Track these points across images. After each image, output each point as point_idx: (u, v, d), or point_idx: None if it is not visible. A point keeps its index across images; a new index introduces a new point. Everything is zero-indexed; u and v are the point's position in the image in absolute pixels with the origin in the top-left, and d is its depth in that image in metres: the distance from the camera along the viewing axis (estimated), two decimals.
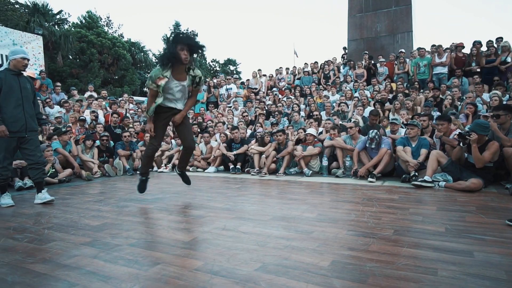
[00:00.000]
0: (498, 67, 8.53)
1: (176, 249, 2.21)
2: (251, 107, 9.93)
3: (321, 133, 6.85)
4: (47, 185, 5.01)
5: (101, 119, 8.57)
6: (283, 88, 11.83)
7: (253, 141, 6.75)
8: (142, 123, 8.63)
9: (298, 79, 12.11)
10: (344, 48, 13.40)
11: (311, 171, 5.86)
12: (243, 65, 52.76)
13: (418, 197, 3.82)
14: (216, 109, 10.50)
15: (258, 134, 6.83)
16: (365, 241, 2.28)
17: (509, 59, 8.44)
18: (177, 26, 36.55)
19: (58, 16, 25.35)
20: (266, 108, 9.58)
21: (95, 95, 10.93)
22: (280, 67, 12.67)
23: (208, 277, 1.77)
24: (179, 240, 2.42)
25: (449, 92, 7.84)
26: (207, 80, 13.43)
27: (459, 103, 7.37)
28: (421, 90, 8.59)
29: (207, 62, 39.94)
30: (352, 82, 10.37)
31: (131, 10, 75.50)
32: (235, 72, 39.00)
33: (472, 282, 1.65)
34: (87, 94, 10.94)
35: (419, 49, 9.75)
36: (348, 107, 8.24)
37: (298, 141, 6.39)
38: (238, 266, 1.90)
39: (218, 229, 2.65)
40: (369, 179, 4.98)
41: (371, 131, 5.34)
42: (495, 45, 8.94)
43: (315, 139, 6.17)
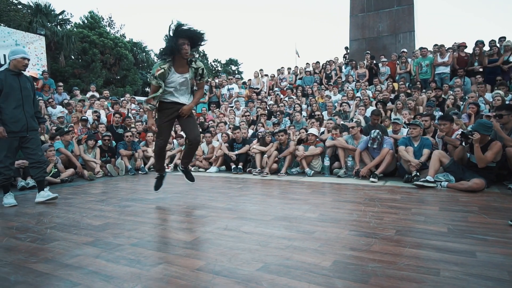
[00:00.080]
0: (500, 66, 8.48)
1: (178, 249, 2.21)
2: (253, 107, 9.93)
3: (323, 133, 6.85)
4: (49, 184, 5.04)
5: (103, 119, 8.58)
6: (285, 88, 11.82)
7: (254, 141, 6.75)
8: (144, 123, 8.64)
9: (300, 79, 12.10)
10: (346, 48, 13.38)
11: (312, 171, 5.85)
12: (245, 65, 52.90)
13: (420, 197, 3.81)
14: (218, 109, 10.51)
15: (259, 134, 6.83)
16: (367, 241, 2.28)
17: None
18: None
19: (60, 17, 25.46)
20: (268, 108, 9.58)
21: (97, 95, 10.94)
22: (282, 67, 12.67)
23: (210, 277, 1.77)
24: (181, 240, 2.42)
25: (451, 92, 7.81)
26: (209, 80, 13.45)
27: (461, 103, 7.34)
28: (423, 90, 8.56)
29: (209, 62, 39.97)
30: (354, 82, 10.35)
31: (133, 10, 75.76)
32: (236, 72, 38.97)
33: (474, 282, 1.65)
34: (89, 94, 10.97)
35: (421, 48, 9.71)
36: (350, 107, 8.23)
37: (300, 141, 6.39)
38: (240, 266, 1.90)
39: (220, 229, 2.65)
40: (371, 179, 4.98)
41: (373, 131, 5.33)
42: (498, 45, 8.88)
43: (317, 139, 6.17)
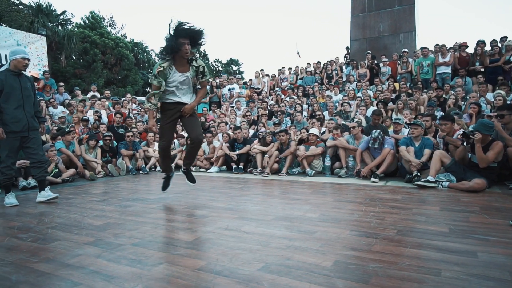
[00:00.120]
0: (502, 66, 8.46)
1: (179, 249, 2.21)
2: (254, 107, 9.93)
3: (323, 133, 6.85)
4: (50, 184, 5.06)
5: (104, 119, 8.60)
6: (286, 88, 11.81)
7: (255, 141, 6.75)
8: (145, 123, 8.65)
9: (301, 79, 12.10)
10: (347, 48, 13.37)
11: (313, 171, 5.85)
12: (246, 65, 52.59)
13: (421, 197, 3.80)
14: (218, 109, 10.51)
15: (260, 134, 6.83)
16: (368, 241, 2.27)
17: None
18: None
19: (61, 17, 25.48)
20: (269, 108, 9.57)
21: (98, 95, 10.96)
22: (283, 67, 12.65)
23: (210, 277, 1.77)
24: (182, 240, 2.42)
25: (452, 92, 7.80)
26: (210, 80, 13.44)
27: (462, 103, 7.33)
28: (424, 90, 8.54)
29: (210, 62, 39.98)
30: (355, 82, 10.34)
31: (134, 10, 75.84)
32: (237, 72, 38.95)
33: (476, 283, 1.65)
34: (90, 94, 10.98)
35: (422, 48, 9.69)
36: (350, 107, 8.23)
37: (300, 141, 6.39)
38: (241, 266, 1.90)
39: (220, 229, 2.65)
40: (372, 179, 4.97)
41: (374, 131, 5.33)
42: (499, 45, 8.86)
43: (318, 139, 6.17)
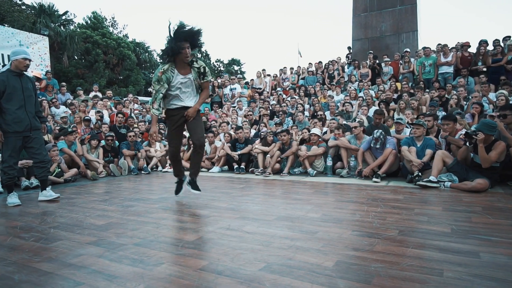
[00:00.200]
0: (504, 66, 8.43)
1: (181, 249, 2.22)
2: (255, 107, 9.93)
3: (325, 133, 6.84)
4: (53, 184, 5.09)
5: (106, 119, 8.62)
6: (287, 88, 11.81)
7: (257, 141, 6.76)
8: (147, 122, 8.67)
9: (302, 79, 12.09)
10: (349, 47, 13.35)
11: (315, 171, 5.85)
12: (247, 65, 52.90)
13: (424, 198, 3.79)
14: (220, 109, 10.53)
15: (262, 134, 6.83)
16: (370, 241, 2.27)
17: None
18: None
19: (64, 17, 25.58)
20: (270, 108, 9.57)
21: (100, 95, 11.00)
22: (284, 67, 12.65)
23: (212, 276, 1.77)
24: (183, 239, 2.42)
25: (454, 92, 7.78)
26: (211, 80, 13.44)
27: (465, 102, 7.31)
28: (427, 90, 8.52)
29: (211, 62, 39.99)
30: (357, 82, 10.33)
31: (136, 10, 75.97)
32: (239, 72, 38.96)
33: (478, 283, 1.64)
34: (92, 94, 11.01)
35: (425, 48, 9.67)
36: (352, 107, 8.21)
37: (302, 141, 6.39)
38: (243, 266, 1.90)
39: (222, 229, 2.65)
40: (374, 179, 4.96)
41: (375, 131, 5.32)
42: (502, 44, 8.84)
43: (320, 139, 6.16)
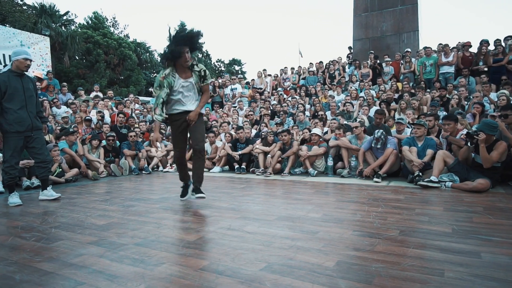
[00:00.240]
0: (505, 66, 8.41)
1: (182, 249, 2.22)
2: (256, 107, 9.92)
3: (326, 133, 6.84)
4: (54, 184, 5.10)
5: (107, 119, 8.63)
6: (288, 88, 11.80)
7: (258, 141, 6.76)
8: (148, 122, 8.68)
9: (303, 79, 12.08)
10: (350, 47, 13.35)
11: (316, 171, 5.85)
12: (248, 65, 52.90)
13: (424, 198, 3.79)
14: (221, 109, 10.52)
15: (263, 134, 6.83)
16: (371, 241, 2.27)
17: None
18: (182, 26, 36.61)
19: (65, 17, 25.63)
20: (271, 108, 9.57)
21: (100, 95, 11.01)
22: (285, 67, 12.65)
23: (213, 276, 1.77)
24: (184, 239, 2.43)
25: (455, 92, 7.76)
26: (212, 80, 13.45)
27: (466, 102, 7.30)
28: (428, 90, 8.51)
29: (212, 62, 40.00)
30: (358, 82, 10.32)
31: (136, 10, 76.05)
32: (240, 72, 38.98)
33: (479, 283, 1.64)
34: (92, 94, 11.03)
35: (426, 48, 9.65)
36: (353, 107, 8.21)
37: (303, 141, 6.38)
38: (243, 266, 1.90)
39: (223, 229, 2.65)
40: (375, 179, 4.96)
41: (376, 131, 5.31)
42: (503, 44, 8.81)
43: (320, 139, 6.16)
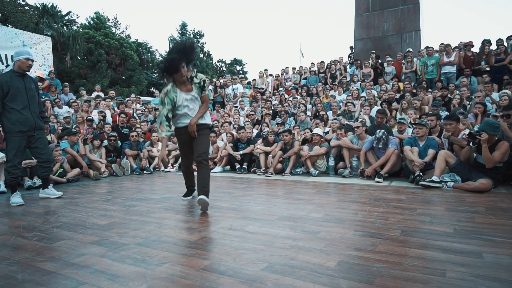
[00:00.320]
0: (507, 66, 8.39)
1: (183, 249, 2.22)
2: (257, 107, 9.92)
3: (327, 133, 6.83)
4: (55, 184, 5.11)
5: (109, 119, 8.64)
6: (290, 88, 11.80)
7: (259, 141, 6.76)
8: (149, 122, 8.69)
9: (305, 78, 12.07)
10: (351, 47, 13.33)
11: (317, 171, 5.84)
12: (250, 65, 52.63)
13: (426, 198, 3.78)
14: (222, 109, 10.52)
15: (264, 134, 6.83)
16: (372, 241, 2.27)
17: None
18: (183, 26, 36.72)
19: (66, 17, 25.68)
20: (273, 108, 9.57)
21: (102, 95, 11.02)
22: (287, 67, 12.65)
23: (214, 276, 1.78)
24: (186, 239, 2.43)
25: (457, 92, 7.74)
26: (213, 80, 13.48)
27: (467, 102, 7.28)
28: (429, 90, 8.50)
29: (213, 62, 40.02)
30: (359, 82, 10.31)
31: (138, 10, 76.14)
32: (241, 72, 39.01)
33: (481, 284, 1.63)
34: (94, 94, 11.04)
35: (427, 48, 9.63)
36: (354, 107, 8.20)
37: (304, 141, 6.38)
38: (245, 266, 1.90)
39: (224, 229, 2.65)
40: (376, 179, 4.95)
41: (378, 130, 5.30)
42: (505, 44, 8.79)
43: (322, 139, 6.15)
